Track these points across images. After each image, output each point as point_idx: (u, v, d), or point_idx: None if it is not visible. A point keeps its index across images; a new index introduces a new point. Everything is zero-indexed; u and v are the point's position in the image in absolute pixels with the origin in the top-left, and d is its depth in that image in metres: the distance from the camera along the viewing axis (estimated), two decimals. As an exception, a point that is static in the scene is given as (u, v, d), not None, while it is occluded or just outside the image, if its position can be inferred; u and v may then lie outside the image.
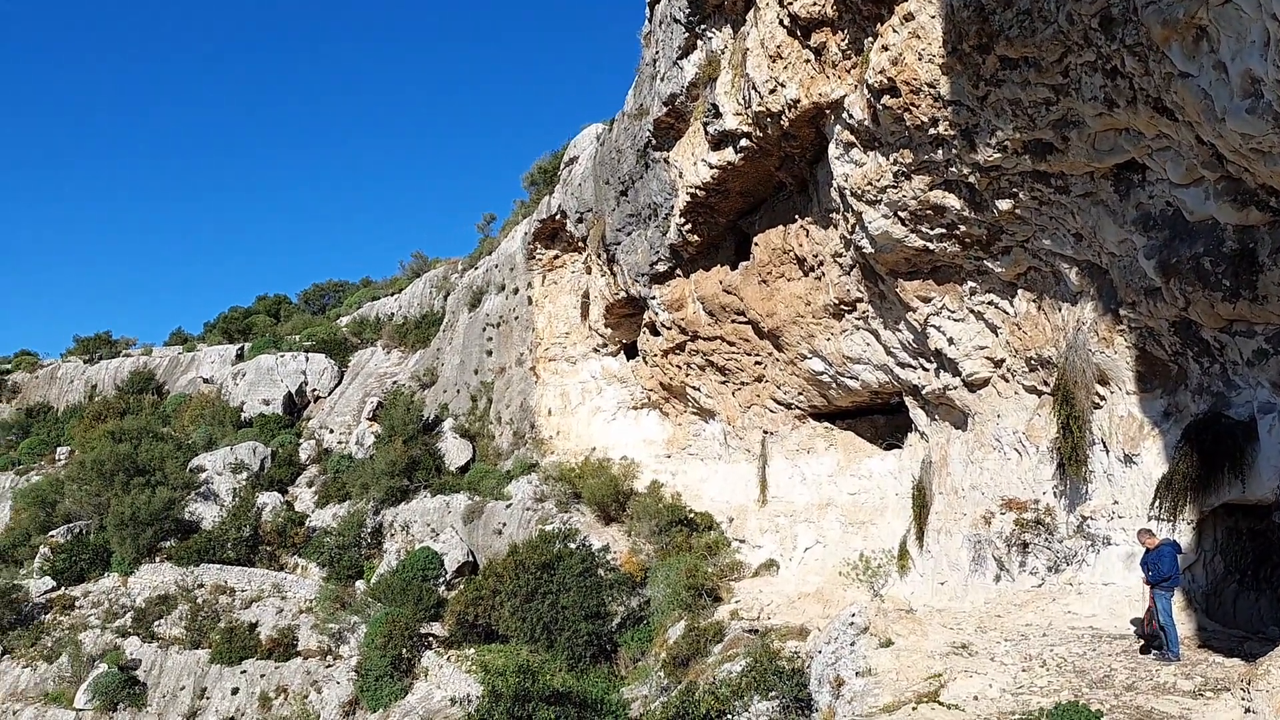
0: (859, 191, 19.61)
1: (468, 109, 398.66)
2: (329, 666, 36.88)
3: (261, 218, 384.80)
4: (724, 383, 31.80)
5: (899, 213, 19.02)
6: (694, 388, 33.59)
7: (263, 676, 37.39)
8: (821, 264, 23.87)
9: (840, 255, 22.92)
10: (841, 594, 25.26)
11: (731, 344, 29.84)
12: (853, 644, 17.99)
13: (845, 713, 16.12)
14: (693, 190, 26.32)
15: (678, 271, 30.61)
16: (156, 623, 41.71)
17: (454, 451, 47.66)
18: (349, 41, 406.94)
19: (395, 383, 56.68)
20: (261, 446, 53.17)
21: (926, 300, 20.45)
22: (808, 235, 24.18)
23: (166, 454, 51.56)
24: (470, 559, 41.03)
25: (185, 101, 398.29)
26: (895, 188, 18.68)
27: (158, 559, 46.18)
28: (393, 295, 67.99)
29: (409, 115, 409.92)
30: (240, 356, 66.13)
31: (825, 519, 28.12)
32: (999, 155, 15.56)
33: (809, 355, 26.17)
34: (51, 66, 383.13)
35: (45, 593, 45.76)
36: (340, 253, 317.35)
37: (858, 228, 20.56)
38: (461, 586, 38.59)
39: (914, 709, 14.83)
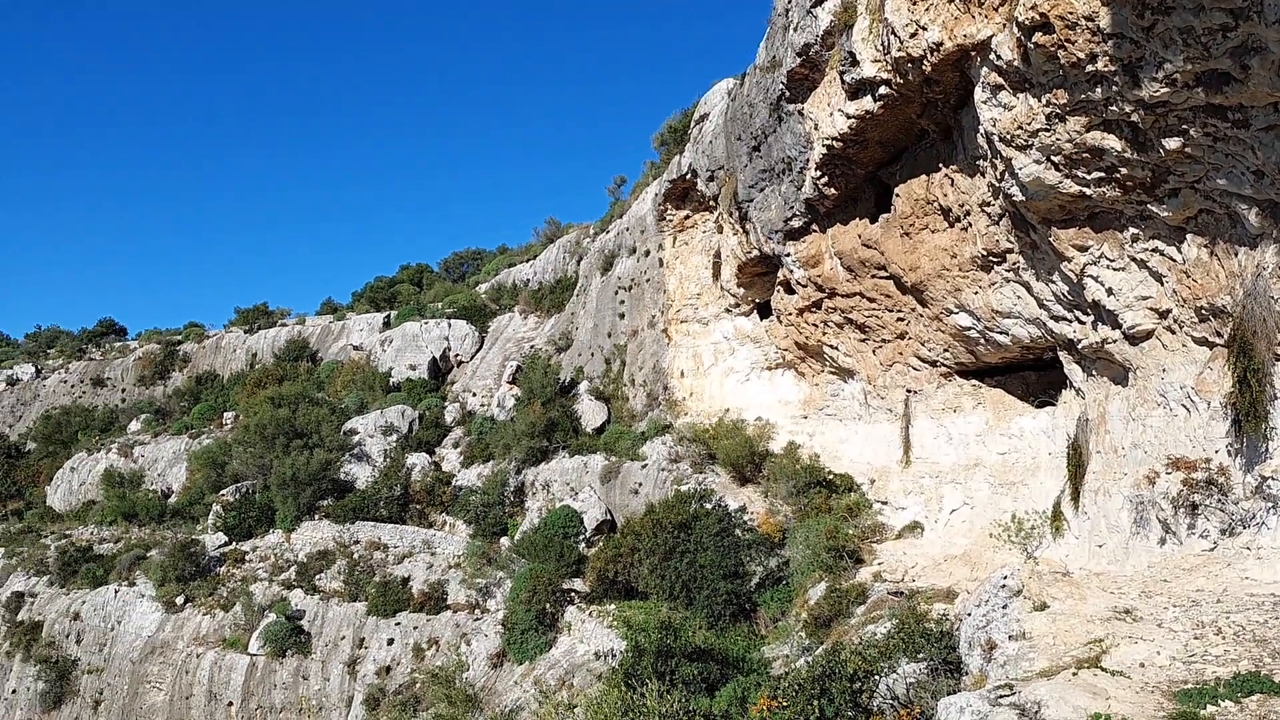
0: (1008, 136, 18.60)
1: (599, 72, 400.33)
2: (477, 620, 38.35)
3: (403, 188, 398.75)
4: (863, 341, 31.02)
5: (1052, 157, 17.94)
6: (831, 346, 32.91)
7: (415, 628, 39.24)
8: (968, 214, 22.85)
9: (988, 204, 21.87)
10: (991, 556, 24.45)
11: (871, 300, 29.04)
12: (1005, 607, 17.39)
13: (998, 676, 15.60)
14: (829, 142, 25.59)
15: (813, 227, 29.93)
16: (317, 576, 44.30)
17: (590, 413, 48.45)
18: (479, 8, 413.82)
19: (532, 347, 57.96)
20: (409, 410, 55.45)
21: (1083, 249, 19.29)
22: (953, 184, 23.17)
23: (322, 418, 54.43)
24: (608, 518, 41.75)
25: (326, 79, 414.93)
26: (1048, 131, 17.61)
27: (317, 516, 49.01)
28: (528, 262, 69.31)
29: (541, 82, 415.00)
30: (387, 324, 68.96)
31: (973, 479, 27.20)
32: (1167, 90, 14.42)
33: (955, 310, 25.20)
34: (212, 30, 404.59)
35: (219, 547, 49.30)
36: (478, 221, 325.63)
37: (1007, 175, 19.55)
38: (601, 544, 39.36)
39: (1074, 674, 14.21)
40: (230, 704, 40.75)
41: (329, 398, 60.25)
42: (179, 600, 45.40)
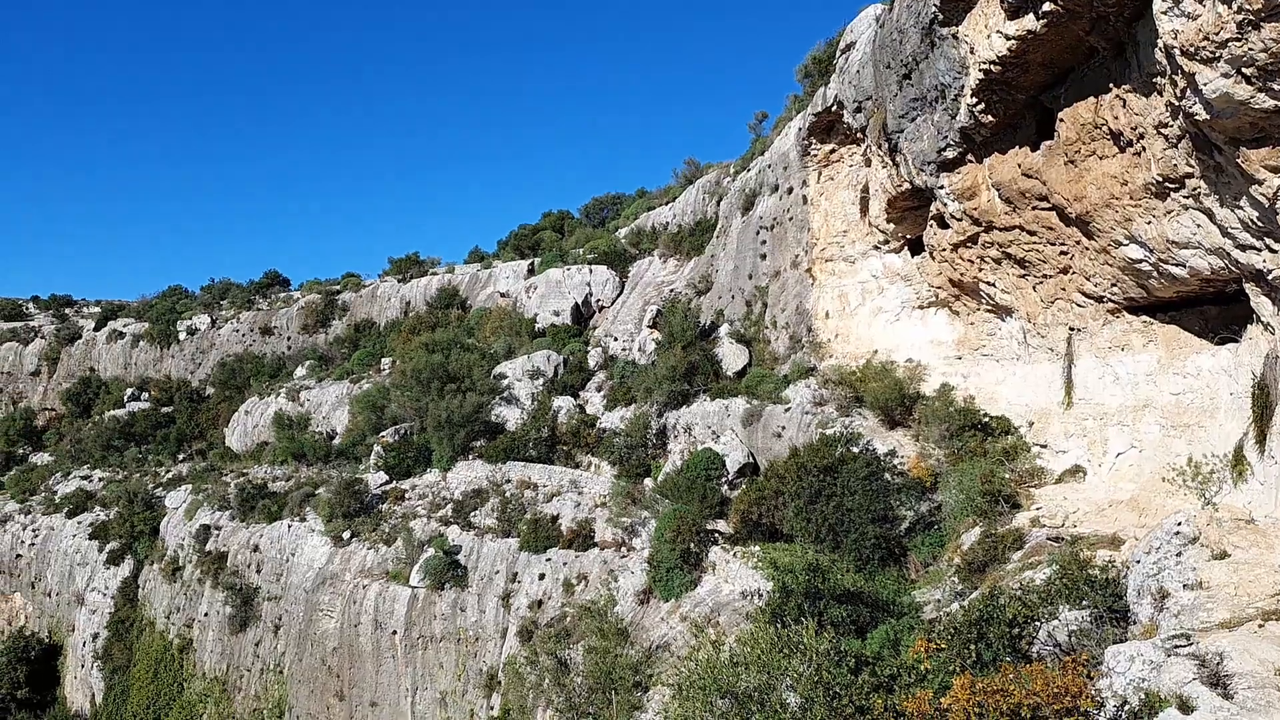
0: (1191, 49, 17.05)
1: (739, 3, 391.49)
2: (623, 557, 39.22)
3: (544, 135, 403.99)
4: (1023, 276, 29.48)
5: (1243, 70, 16.32)
6: (988, 283, 31.44)
7: (565, 564, 40.49)
8: (1142, 137, 21.19)
9: (1165, 126, 20.20)
10: (1162, 502, 23.13)
11: (1032, 233, 27.49)
12: (1179, 555, 16.47)
13: (1171, 626, 14.81)
14: (987, 66, 24.16)
15: (969, 157, 28.47)
16: (472, 513, 46.21)
17: (730, 357, 48.23)
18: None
19: (672, 291, 57.97)
20: (554, 354, 56.69)
21: (1276, 170, 17.60)
22: (1125, 106, 21.50)
23: (473, 363, 56.35)
24: (750, 460, 41.69)
25: (469, 25, 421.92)
26: (1239, 40, 16.01)
27: (470, 457, 51.02)
28: (666, 204, 69.04)
29: (679, 17, 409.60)
30: (531, 271, 70.40)
31: (1141, 421, 25.65)
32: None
33: (1125, 241, 23.57)
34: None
35: (381, 485, 52.06)
36: (618, 165, 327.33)
37: (1189, 92, 17.97)
38: (744, 487, 39.40)
39: (1260, 626, 13.33)
40: (394, 632, 43.30)
41: (478, 343, 62.19)
42: (345, 535, 48.34)
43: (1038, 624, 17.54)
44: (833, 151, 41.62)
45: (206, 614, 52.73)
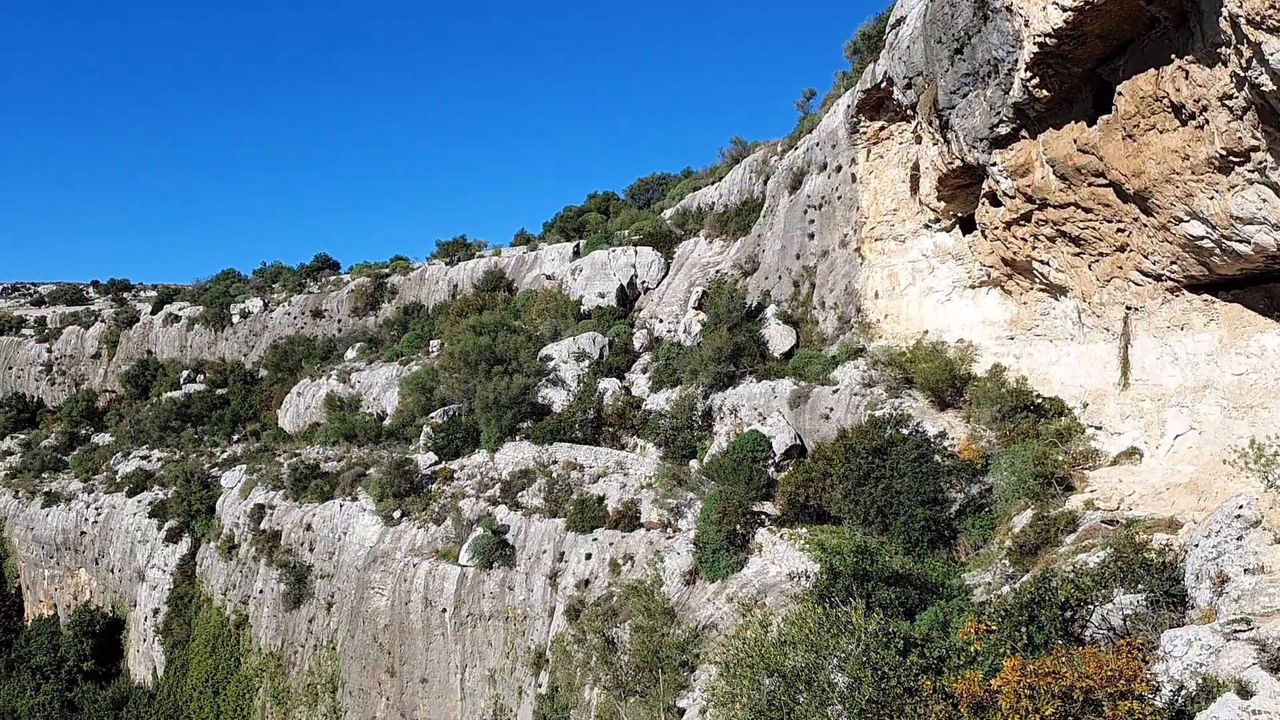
0: (1258, 17, 16.51)
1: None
2: (669, 538, 39.29)
3: (589, 116, 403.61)
4: (1078, 254, 28.82)
5: (1314, 36, 15.77)
6: (1041, 262, 30.80)
7: (611, 544, 40.69)
8: (1204, 109, 20.55)
9: (1230, 98, 19.56)
10: (1222, 485, 22.56)
11: (1087, 210, 26.84)
12: (1239, 539, 16.10)
13: (1230, 611, 14.50)
14: (1041, 39, 23.58)
15: (1022, 133, 27.84)
16: (519, 493, 46.61)
17: (777, 338, 47.92)
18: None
19: (718, 271, 57.70)
20: (600, 336, 56.81)
21: (1349, 141, 16.99)
22: (1187, 77, 20.85)
23: (519, 345, 56.73)
24: (798, 442, 41.47)
25: (516, 16, 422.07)
26: (1310, 5, 15.46)
27: (517, 438, 51.42)
28: (713, 184, 68.64)
29: None
30: (576, 253, 70.52)
31: (1201, 402, 25.00)
32: None
33: (1185, 218, 22.91)
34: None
35: (430, 465, 52.71)
36: (663, 146, 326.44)
37: (1255, 62, 17.41)
38: (790, 468, 39.22)
39: (1326, 613, 12.97)
40: (444, 610, 43.93)
41: (525, 325, 62.55)
42: (396, 514, 49.06)
43: (1091, 607, 17.26)
44: (882, 129, 40.97)
45: (262, 591, 53.94)
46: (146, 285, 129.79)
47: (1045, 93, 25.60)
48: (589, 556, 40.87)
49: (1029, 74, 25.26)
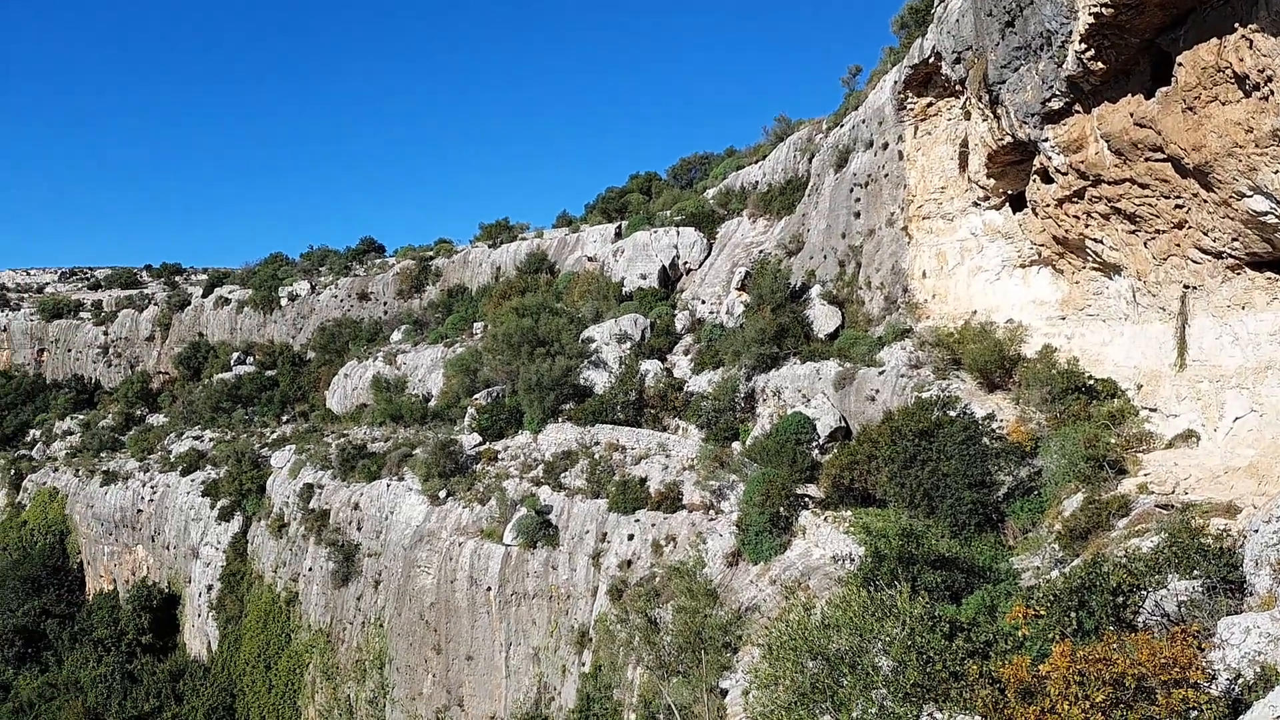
0: (1329, -21, 15.76)
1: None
2: (712, 520, 39.21)
3: (630, 95, 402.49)
4: (1133, 232, 28.02)
5: (1389, -1, 15.04)
6: (1095, 240, 30.00)
7: (653, 525, 40.70)
8: (1270, 80, 19.77)
9: (1296, 66, 18.81)
10: (1284, 469, 21.88)
11: (1144, 186, 26.05)
12: (1303, 524, 15.51)
13: (1293, 600, 14.01)
14: (1098, 9, 22.83)
15: (1075, 108, 27.07)
16: (562, 474, 46.80)
17: (822, 318, 47.40)
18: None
19: (761, 252, 57.21)
20: (641, 318, 56.70)
21: None
22: (1251, 47, 20.07)
23: (561, 327, 56.83)
24: (842, 424, 41.07)
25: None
26: (1385, -33, 14.74)
27: (560, 419, 51.60)
28: (756, 163, 67.94)
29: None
30: (618, 235, 70.35)
31: (1263, 384, 24.22)
32: None
33: (1248, 193, 22.13)
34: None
35: (475, 446, 53.13)
36: (705, 125, 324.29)
37: (1324, 27, 16.65)
38: (835, 451, 38.86)
39: (1396, 601, 12.49)
40: (489, 589, 44.34)
41: (567, 307, 62.65)
42: (441, 494, 49.55)
43: (1144, 593, 16.83)
44: (930, 105, 40.15)
45: (311, 569, 54.89)
46: (197, 269, 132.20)
47: (1100, 65, 24.83)
48: (631, 537, 40.94)
49: (1083, 46, 24.50)
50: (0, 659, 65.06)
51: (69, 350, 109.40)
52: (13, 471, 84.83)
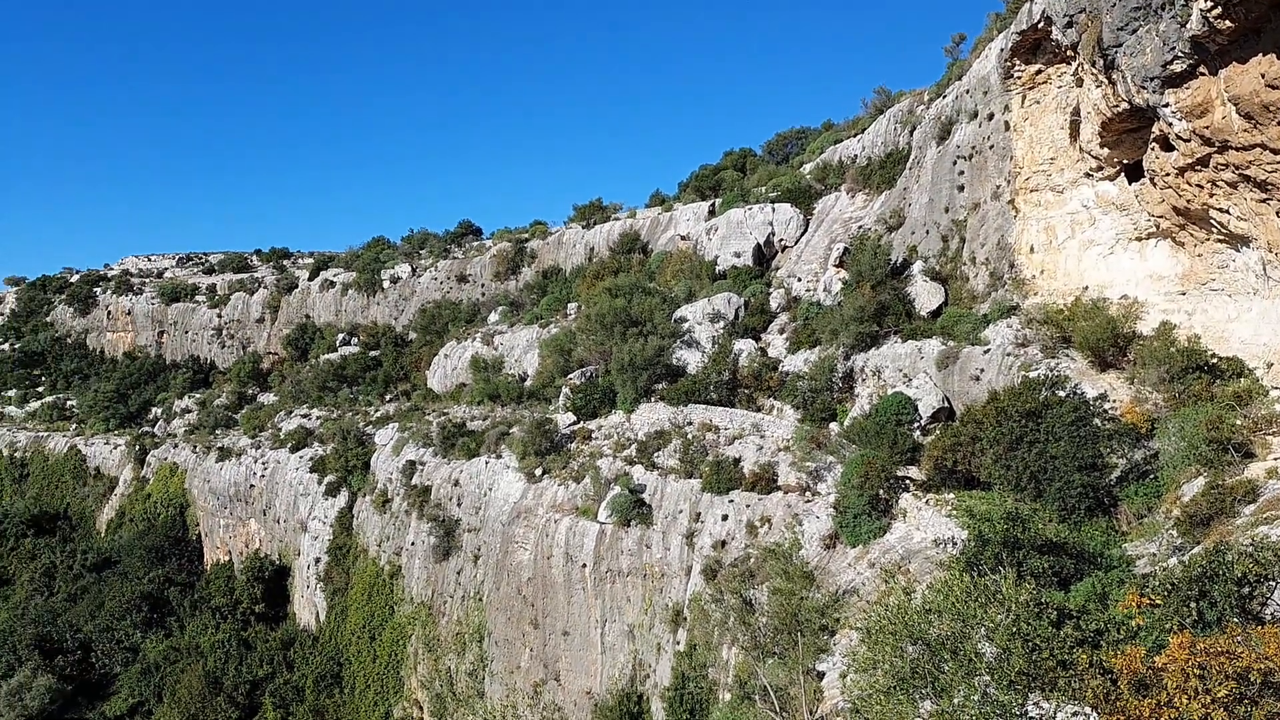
0: None
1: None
2: (808, 502, 38.66)
3: (726, 72, 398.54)
4: (1264, 200, 26.25)
5: None
6: (1220, 210, 28.25)
7: (748, 506, 40.35)
8: None
9: None
10: None
11: (1276, 152, 24.35)
12: None
13: None
14: (1225, -39, 21.37)
15: (1200, 70, 25.43)
16: (655, 454, 46.80)
17: (924, 295, 46.06)
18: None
19: (860, 227, 55.90)
20: (735, 297, 56.15)
21: None
22: (1400, -6, 18.48)
23: (654, 307, 56.72)
24: (945, 405, 39.94)
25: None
26: None
27: (653, 399, 51.59)
28: (854, 136, 66.36)
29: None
30: (712, 212, 69.74)
31: None
32: None
33: (1394, 154, 20.47)
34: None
35: (569, 425, 53.60)
36: (802, 99, 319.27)
37: None
38: (937, 432, 37.82)
39: None
40: (584, 565, 44.75)
41: (659, 287, 62.52)
42: (537, 472, 50.19)
43: (1272, 584, 15.82)
44: (1039, 73, 38.37)
45: (413, 543, 56.39)
46: (304, 253, 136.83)
47: (1229, 24, 23.25)
48: (725, 518, 40.69)
49: (1210, 3, 22.98)
50: (129, 623, 68.97)
51: (186, 332, 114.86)
52: (137, 447, 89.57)
